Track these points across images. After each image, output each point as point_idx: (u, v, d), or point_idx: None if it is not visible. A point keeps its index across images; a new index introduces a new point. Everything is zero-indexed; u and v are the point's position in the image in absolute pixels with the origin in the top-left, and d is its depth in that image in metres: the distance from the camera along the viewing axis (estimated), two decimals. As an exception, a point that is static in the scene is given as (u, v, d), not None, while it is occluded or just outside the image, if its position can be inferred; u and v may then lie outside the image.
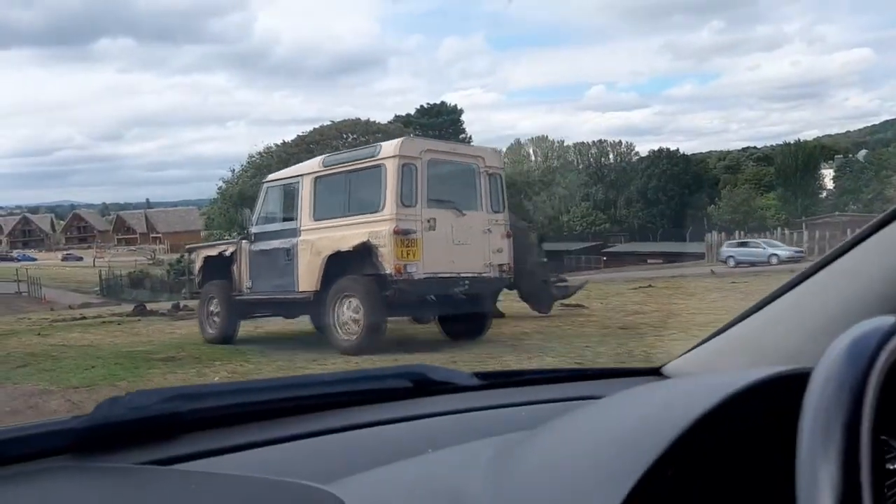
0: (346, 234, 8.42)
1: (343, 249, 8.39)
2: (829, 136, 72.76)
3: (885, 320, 0.63)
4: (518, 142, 74.33)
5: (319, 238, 8.72)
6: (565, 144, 71.34)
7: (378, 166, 8.38)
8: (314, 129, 43.09)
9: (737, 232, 38.46)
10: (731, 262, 28.28)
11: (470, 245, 8.61)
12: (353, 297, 8.26)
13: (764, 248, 29.68)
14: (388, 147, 8.55)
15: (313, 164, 9.46)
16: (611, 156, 66.08)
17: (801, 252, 28.41)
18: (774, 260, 26.96)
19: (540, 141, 72.96)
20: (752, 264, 26.36)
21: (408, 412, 1.08)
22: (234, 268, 9.75)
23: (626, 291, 15.09)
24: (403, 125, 50.42)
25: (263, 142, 56.89)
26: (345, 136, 44.46)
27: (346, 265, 8.40)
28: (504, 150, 74.20)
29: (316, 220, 8.91)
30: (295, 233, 9.03)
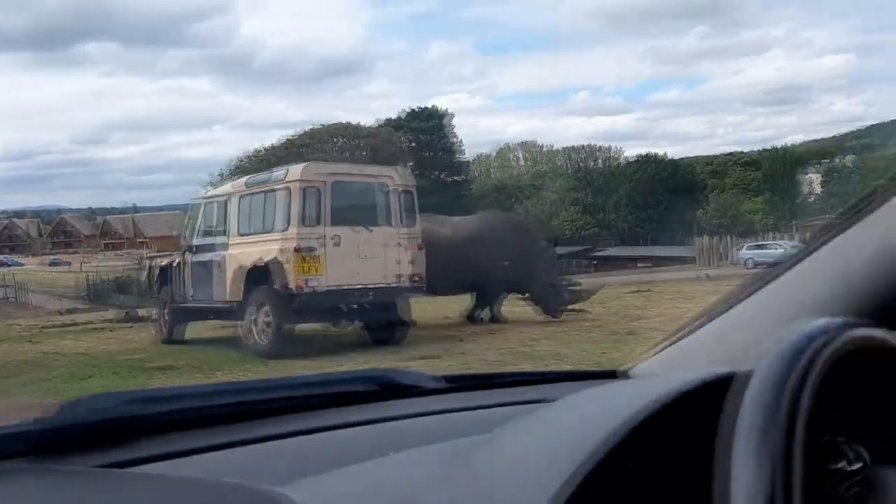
0: (261, 249, 9.30)
1: (259, 264, 9.27)
2: (815, 140, 73.10)
3: (825, 322, 0.64)
4: (507, 146, 74.50)
5: (241, 252, 9.63)
6: (554, 149, 71.57)
7: (285, 189, 9.26)
8: (304, 131, 42.91)
9: (727, 236, 38.55)
10: (751, 264, 28.35)
11: (378, 258, 9.42)
12: (265, 307, 9.18)
13: (784, 250, 29.69)
14: (294, 171, 9.44)
15: (239, 184, 10.47)
16: (599, 160, 66.20)
17: None
18: None
19: (528, 145, 73.14)
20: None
21: (373, 415, 1.07)
22: (180, 276, 10.86)
23: (625, 295, 15.00)
24: (393, 129, 50.27)
25: (253, 145, 56.69)
26: (334, 139, 44.30)
27: (261, 278, 9.26)
28: (493, 154, 74.61)
29: (241, 235, 9.86)
30: (225, 246, 9.99)
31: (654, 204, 55.00)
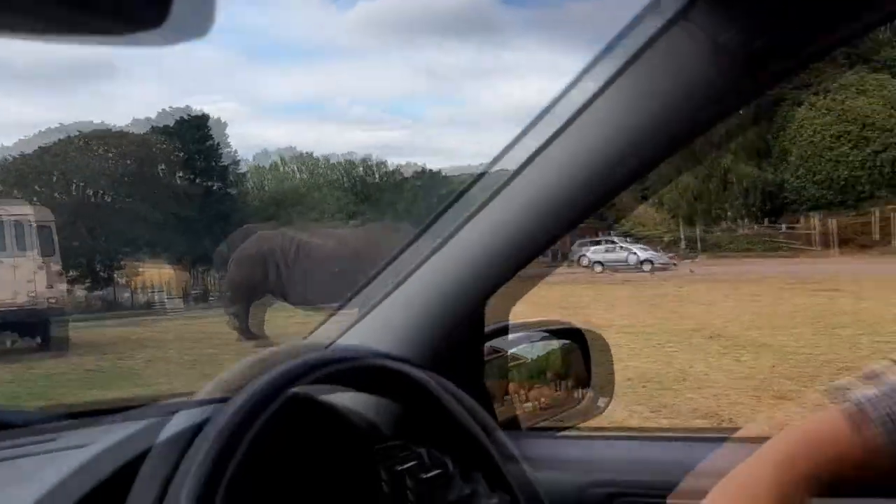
0: None
1: None
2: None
3: (303, 360, 0.74)
4: (281, 158, 72.49)
5: None
6: (330, 162, 71.11)
7: None
8: (60, 139, 38.44)
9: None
10: (598, 269, 27.03)
11: (8, 283, 11.54)
12: None
13: (629, 250, 28.23)
14: None
15: None
16: (376, 175, 66.91)
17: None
18: (647, 266, 26.35)
19: (304, 157, 71.82)
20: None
21: None
22: None
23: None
24: (162, 136, 46.80)
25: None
26: (93, 146, 40.21)
27: None
28: (267, 166, 72.08)
29: None
30: None
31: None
